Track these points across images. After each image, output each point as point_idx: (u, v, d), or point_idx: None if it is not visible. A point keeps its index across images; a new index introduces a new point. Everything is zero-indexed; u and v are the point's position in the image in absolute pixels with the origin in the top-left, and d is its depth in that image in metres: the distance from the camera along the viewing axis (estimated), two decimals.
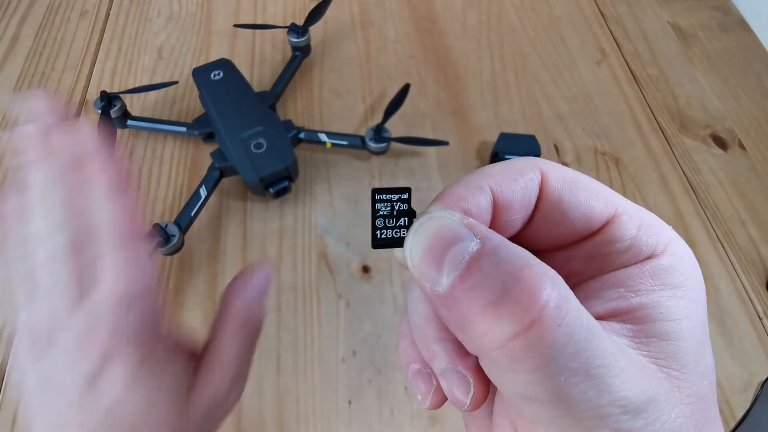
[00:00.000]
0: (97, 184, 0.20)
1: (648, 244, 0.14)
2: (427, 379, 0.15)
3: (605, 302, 0.14)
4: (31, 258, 0.18)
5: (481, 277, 0.12)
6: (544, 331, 0.11)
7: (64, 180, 0.19)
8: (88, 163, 0.20)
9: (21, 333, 0.19)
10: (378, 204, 0.15)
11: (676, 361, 0.13)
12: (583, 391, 0.11)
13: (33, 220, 0.18)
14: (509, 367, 0.12)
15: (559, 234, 0.15)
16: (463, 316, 0.12)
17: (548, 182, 0.14)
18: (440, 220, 0.13)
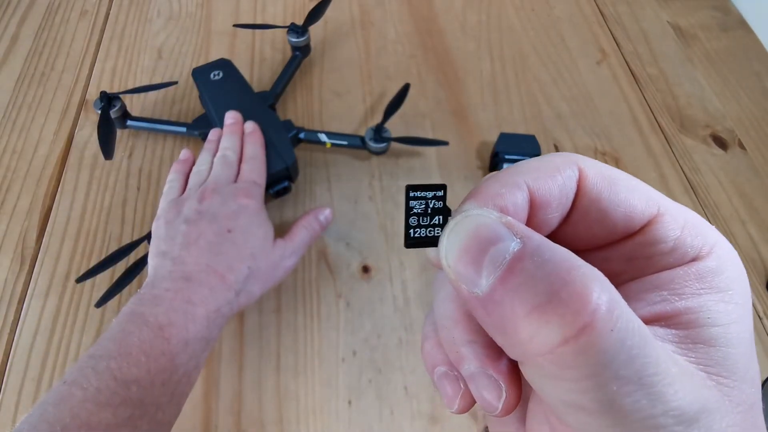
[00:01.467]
0: (248, 139, 0.40)
1: (693, 246, 0.13)
2: (455, 382, 0.15)
3: (648, 305, 0.13)
4: (214, 164, 0.38)
5: (524, 278, 0.11)
6: (596, 337, 0.11)
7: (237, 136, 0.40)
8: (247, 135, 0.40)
9: (203, 188, 0.36)
10: (412, 201, 0.14)
11: (725, 369, 0.12)
12: (636, 400, 0.11)
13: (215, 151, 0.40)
14: (557, 373, 0.11)
15: (598, 233, 0.14)
16: (506, 319, 0.11)
17: (587, 179, 0.14)
18: (477, 218, 0.13)
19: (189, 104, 0.49)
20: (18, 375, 0.35)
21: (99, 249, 0.40)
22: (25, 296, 0.38)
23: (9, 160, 0.44)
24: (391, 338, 0.37)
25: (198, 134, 0.44)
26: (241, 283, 0.32)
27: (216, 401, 0.35)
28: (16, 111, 0.47)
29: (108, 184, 0.43)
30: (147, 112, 0.48)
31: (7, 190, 0.43)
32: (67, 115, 0.47)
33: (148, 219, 0.42)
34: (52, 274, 0.39)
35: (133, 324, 0.28)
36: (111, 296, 0.35)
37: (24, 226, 0.41)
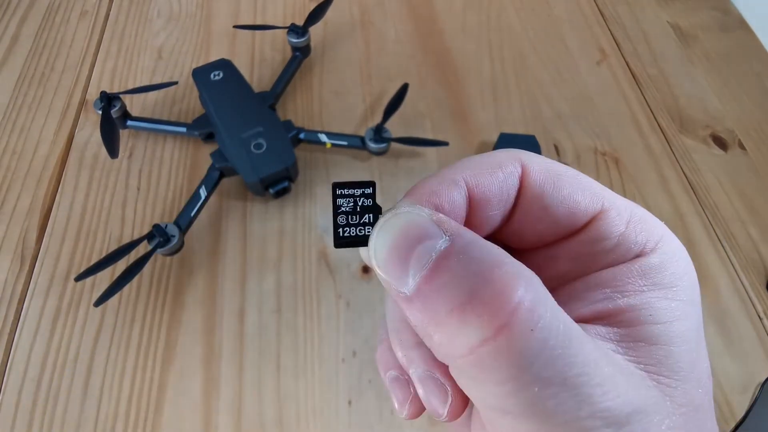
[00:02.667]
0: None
1: (637, 242, 0.13)
2: (405, 386, 0.14)
3: (590, 304, 0.13)
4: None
5: (448, 277, 0.11)
6: (514, 337, 0.10)
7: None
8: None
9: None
10: (339, 199, 0.13)
11: (666, 368, 0.12)
12: (561, 402, 0.10)
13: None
14: (478, 376, 0.11)
15: (542, 231, 0.14)
16: (430, 319, 0.11)
17: (529, 175, 0.13)
18: (407, 215, 0.12)
19: (189, 104, 0.49)
20: (18, 375, 0.35)
21: (99, 249, 0.40)
22: (25, 296, 0.38)
23: (9, 160, 0.44)
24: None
25: (198, 134, 0.44)
26: None
27: (216, 401, 0.35)
28: (16, 111, 0.47)
29: (108, 185, 0.43)
30: (147, 112, 0.48)
31: (7, 191, 0.43)
32: (67, 115, 0.47)
33: (148, 219, 0.42)
34: (52, 274, 0.39)
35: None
36: (110, 295, 0.35)
37: (24, 226, 0.41)
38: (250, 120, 0.41)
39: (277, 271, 0.40)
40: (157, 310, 0.38)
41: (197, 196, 0.40)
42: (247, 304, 0.38)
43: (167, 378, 0.35)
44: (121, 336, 0.37)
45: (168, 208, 0.42)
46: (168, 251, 0.37)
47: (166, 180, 0.44)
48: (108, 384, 0.35)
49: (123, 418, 0.34)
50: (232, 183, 0.44)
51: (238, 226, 0.42)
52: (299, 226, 0.42)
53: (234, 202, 0.43)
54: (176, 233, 0.37)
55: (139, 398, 0.35)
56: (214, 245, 0.41)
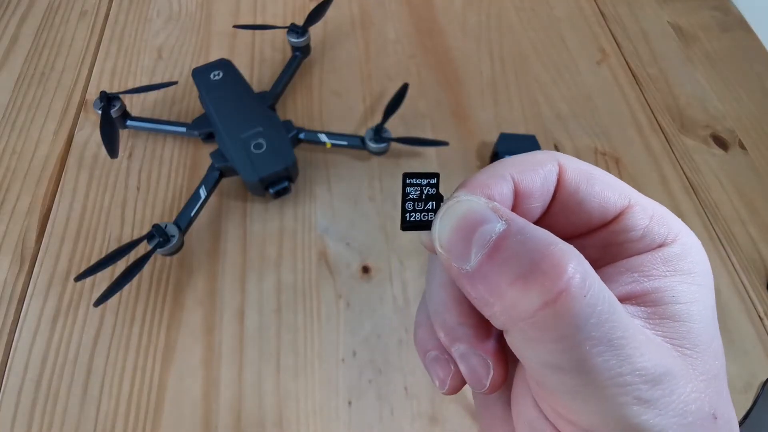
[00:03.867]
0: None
1: (660, 234, 0.15)
2: (445, 364, 0.16)
3: (620, 286, 0.14)
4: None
5: (509, 254, 0.13)
6: (571, 301, 0.12)
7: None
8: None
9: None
10: (408, 188, 0.15)
11: (688, 341, 0.13)
12: (606, 359, 0.12)
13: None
14: (537, 336, 0.12)
15: (576, 223, 0.16)
16: (492, 290, 0.13)
17: (566, 173, 0.15)
18: (467, 203, 0.14)
19: (189, 104, 0.49)
20: (18, 375, 0.35)
21: (99, 249, 0.40)
22: (24, 296, 0.38)
23: (9, 160, 0.44)
24: (391, 338, 0.37)
25: (198, 134, 0.44)
26: None
27: (216, 401, 0.35)
28: (16, 111, 0.47)
29: (108, 185, 0.43)
30: (147, 112, 0.48)
31: (7, 191, 0.43)
32: (66, 115, 0.47)
33: (147, 219, 0.42)
34: (51, 274, 0.39)
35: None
36: (110, 295, 0.35)
37: (24, 226, 0.41)
38: (250, 120, 0.41)
39: (277, 271, 0.40)
40: (157, 310, 0.38)
41: (197, 196, 0.40)
42: (247, 304, 0.38)
43: (167, 378, 0.35)
44: (121, 336, 0.37)
45: (168, 208, 0.42)
46: (168, 251, 0.37)
47: (166, 180, 0.44)
48: (108, 384, 0.35)
49: (123, 418, 0.34)
50: (232, 183, 0.44)
51: (238, 226, 0.42)
52: (299, 226, 0.42)
53: (234, 202, 0.43)
54: (176, 233, 0.37)
55: (139, 398, 0.35)
56: (214, 245, 0.41)
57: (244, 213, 0.42)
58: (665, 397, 0.12)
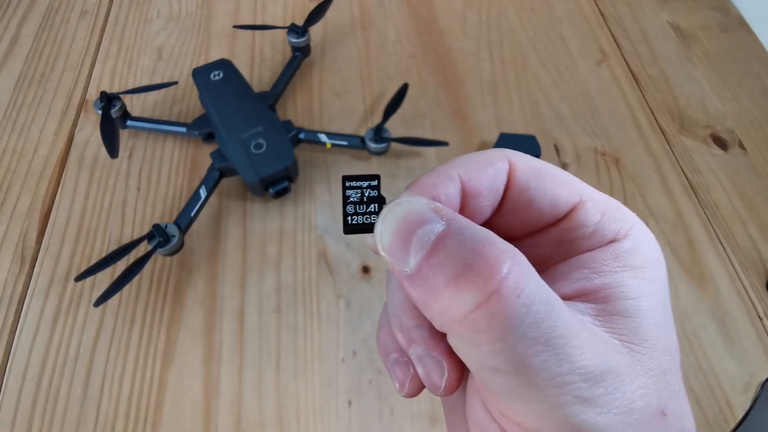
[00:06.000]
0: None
1: (611, 229, 0.15)
2: (405, 367, 0.16)
3: (571, 283, 0.14)
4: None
5: (445, 254, 0.13)
6: (503, 301, 0.12)
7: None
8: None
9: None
10: (348, 191, 0.15)
11: (637, 337, 0.13)
12: (544, 360, 0.12)
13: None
14: (473, 338, 0.12)
15: (528, 221, 0.16)
16: (429, 292, 0.13)
17: (516, 171, 0.15)
18: (408, 204, 0.14)
19: (189, 104, 0.49)
20: (18, 375, 0.35)
21: (99, 249, 0.40)
22: (25, 296, 0.38)
23: (9, 160, 0.44)
24: None
25: (198, 134, 0.44)
26: None
27: (216, 401, 0.35)
28: (16, 111, 0.47)
29: (108, 185, 0.43)
30: (147, 112, 0.48)
31: (7, 191, 0.43)
32: (67, 115, 0.47)
33: (148, 219, 0.42)
34: (52, 274, 0.39)
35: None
36: (110, 295, 0.35)
37: (24, 226, 0.41)
38: (250, 120, 0.41)
39: (277, 271, 0.40)
40: (157, 310, 0.38)
41: (197, 196, 0.40)
42: (247, 304, 0.38)
43: (167, 378, 0.35)
44: (121, 336, 0.37)
45: (168, 208, 0.42)
46: (168, 251, 0.37)
47: (166, 180, 0.44)
48: (108, 384, 0.35)
49: (123, 418, 0.34)
50: (232, 183, 0.44)
51: (238, 226, 0.42)
52: (299, 226, 0.42)
53: (234, 202, 0.43)
54: (176, 233, 0.37)
55: (139, 398, 0.35)
56: (214, 245, 0.41)
57: (244, 213, 0.42)
58: (608, 395, 0.12)
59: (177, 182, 0.44)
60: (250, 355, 0.36)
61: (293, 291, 0.39)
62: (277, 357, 0.36)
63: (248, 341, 0.37)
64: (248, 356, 0.36)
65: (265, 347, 0.37)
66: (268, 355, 0.36)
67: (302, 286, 0.39)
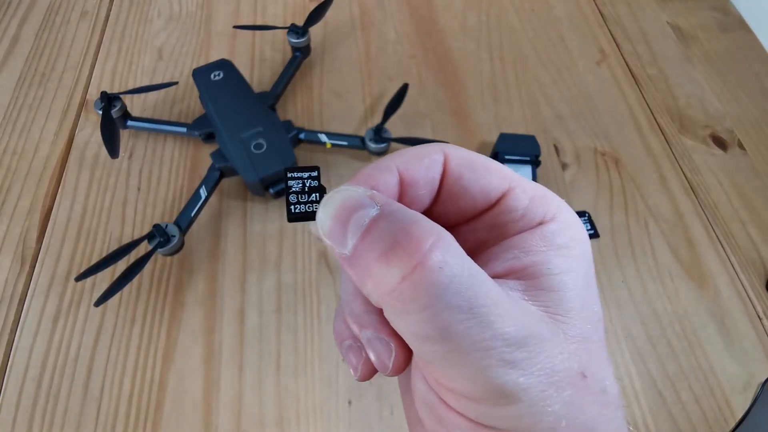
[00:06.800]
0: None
1: (538, 213, 0.16)
2: (358, 352, 0.17)
3: (503, 263, 0.16)
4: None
5: (377, 234, 0.14)
6: (427, 273, 0.13)
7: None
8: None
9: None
10: (290, 181, 0.16)
11: (561, 308, 0.14)
12: (468, 327, 0.13)
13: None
14: (402, 308, 0.13)
15: (464, 208, 0.17)
16: (364, 270, 0.14)
17: (450, 162, 0.16)
18: (346, 192, 0.15)
19: (189, 105, 0.49)
20: (18, 375, 0.35)
21: (99, 249, 0.40)
22: (25, 296, 0.38)
23: (9, 160, 0.44)
24: None
25: (198, 135, 0.44)
26: None
27: (216, 401, 0.35)
28: (17, 112, 0.47)
29: (108, 185, 0.43)
30: (147, 112, 0.48)
31: (8, 191, 0.43)
32: (67, 115, 0.47)
33: (148, 219, 0.42)
34: (52, 274, 0.39)
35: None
36: (111, 295, 0.35)
37: (24, 226, 0.41)
38: (250, 120, 0.41)
39: (277, 271, 0.40)
40: (157, 310, 0.38)
41: (197, 196, 0.40)
42: (247, 304, 0.38)
43: (167, 378, 0.35)
44: (122, 336, 0.37)
45: (168, 208, 0.42)
46: (168, 251, 0.38)
47: (167, 180, 0.44)
48: (108, 384, 0.35)
49: (123, 418, 0.34)
50: (232, 183, 0.44)
51: (238, 226, 0.42)
52: (299, 226, 0.42)
53: (234, 202, 0.43)
54: (176, 233, 0.37)
55: (140, 398, 0.35)
56: (214, 245, 0.41)
57: (244, 213, 0.42)
58: (531, 358, 0.13)
59: (177, 182, 0.44)
60: (250, 355, 0.36)
61: (293, 291, 0.39)
62: (277, 357, 0.36)
63: (248, 341, 0.37)
64: (248, 356, 0.36)
65: (265, 347, 0.37)
66: (268, 355, 0.37)
67: (302, 286, 0.39)
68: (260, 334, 0.37)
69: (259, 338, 0.37)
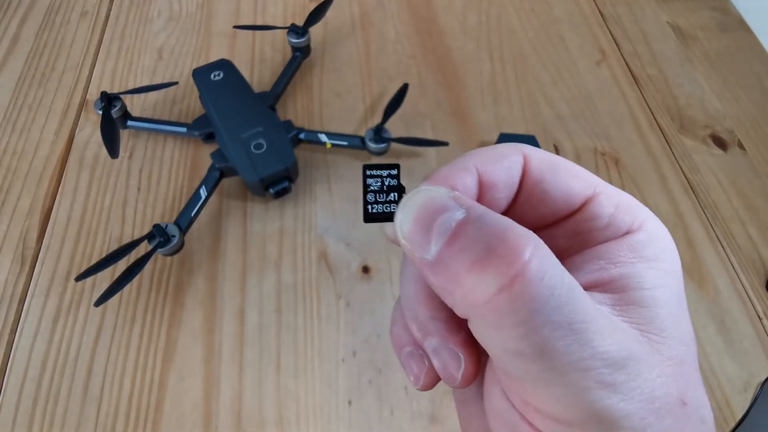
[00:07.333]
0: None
1: (625, 221, 0.15)
2: (420, 360, 0.16)
3: (588, 274, 0.15)
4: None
5: (467, 240, 0.13)
6: (527, 285, 0.12)
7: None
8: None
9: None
10: (369, 179, 0.15)
11: (654, 326, 0.13)
12: (567, 344, 0.12)
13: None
14: (496, 321, 0.12)
15: (543, 213, 0.16)
16: (451, 278, 0.13)
17: (530, 164, 0.15)
18: (428, 192, 0.14)
19: (189, 105, 0.49)
20: (18, 375, 0.35)
21: (99, 249, 0.40)
22: (25, 296, 0.38)
23: (9, 160, 0.44)
24: None
25: (198, 135, 0.44)
26: None
27: (216, 401, 0.35)
28: (17, 112, 0.47)
29: (108, 185, 0.43)
30: (147, 112, 0.48)
31: (8, 191, 0.43)
32: (67, 115, 0.47)
33: (148, 219, 0.42)
34: (52, 274, 0.39)
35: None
36: (111, 295, 0.35)
37: (24, 226, 0.41)
38: (250, 120, 0.41)
39: (277, 271, 0.40)
40: (157, 310, 0.38)
41: (197, 196, 0.40)
42: (247, 304, 0.38)
43: (167, 378, 0.35)
44: (122, 336, 0.37)
45: (168, 208, 0.42)
46: (168, 251, 0.38)
47: (167, 180, 0.44)
48: (108, 384, 0.35)
49: (123, 418, 0.34)
50: (232, 183, 0.44)
51: (238, 226, 0.42)
52: (299, 226, 0.42)
53: (234, 202, 0.43)
54: (176, 233, 0.37)
55: (140, 398, 0.35)
56: (214, 245, 0.41)
57: (244, 213, 0.42)
58: (630, 381, 0.12)
59: (177, 182, 0.44)
60: (250, 355, 0.36)
61: (293, 291, 0.39)
62: (277, 357, 0.36)
63: (248, 341, 0.37)
64: (248, 356, 0.36)
65: (265, 347, 0.37)
66: (268, 355, 0.37)
67: (302, 286, 0.39)
68: (260, 334, 0.37)
69: (259, 338, 0.37)
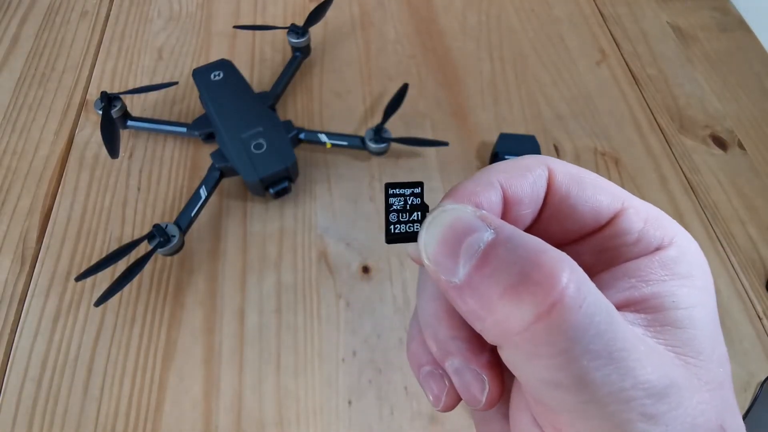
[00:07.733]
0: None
1: (655, 237, 0.14)
2: (440, 380, 0.15)
3: (618, 293, 0.14)
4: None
5: (498, 263, 0.12)
6: (566, 313, 0.11)
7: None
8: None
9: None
10: (391, 198, 0.14)
11: (692, 349, 0.13)
12: (607, 374, 0.11)
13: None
14: (532, 351, 0.12)
15: (569, 228, 0.15)
16: (482, 304, 0.12)
17: (556, 178, 0.15)
18: (453, 212, 0.13)
19: (189, 105, 0.49)
20: (18, 375, 0.35)
21: (99, 249, 0.40)
22: (25, 296, 0.38)
23: (9, 160, 0.44)
24: (391, 338, 0.37)
25: (198, 135, 0.44)
26: None
27: (216, 401, 0.35)
28: (17, 112, 0.47)
29: (108, 185, 0.43)
30: (147, 112, 0.48)
31: (8, 191, 0.43)
32: (67, 115, 0.47)
33: (148, 219, 0.42)
34: (52, 274, 0.39)
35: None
36: (111, 295, 0.35)
37: (24, 226, 0.41)
38: (250, 120, 0.41)
39: (277, 271, 0.40)
40: (157, 310, 0.38)
41: (197, 196, 0.40)
42: (247, 304, 0.38)
43: (167, 378, 0.35)
44: (122, 336, 0.37)
45: (168, 208, 0.42)
46: (168, 251, 0.38)
47: (167, 180, 0.44)
48: (108, 384, 0.35)
49: (123, 418, 0.34)
50: (232, 183, 0.44)
51: (238, 226, 0.42)
52: (299, 226, 0.42)
53: (234, 202, 0.43)
54: (176, 233, 0.37)
55: (140, 398, 0.35)
56: (214, 245, 0.41)
57: (244, 213, 0.42)
58: (672, 411, 0.11)
59: (177, 182, 0.44)
60: (250, 355, 0.36)
61: (293, 291, 0.39)
62: (277, 357, 0.36)
63: (248, 341, 0.37)
64: (248, 356, 0.36)
65: (265, 347, 0.37)
66: (268, 355, 0.37)
67: (302, 286, 0.39)
68: (260, 334, 0.37)
69: (259, 338, 0.37)
